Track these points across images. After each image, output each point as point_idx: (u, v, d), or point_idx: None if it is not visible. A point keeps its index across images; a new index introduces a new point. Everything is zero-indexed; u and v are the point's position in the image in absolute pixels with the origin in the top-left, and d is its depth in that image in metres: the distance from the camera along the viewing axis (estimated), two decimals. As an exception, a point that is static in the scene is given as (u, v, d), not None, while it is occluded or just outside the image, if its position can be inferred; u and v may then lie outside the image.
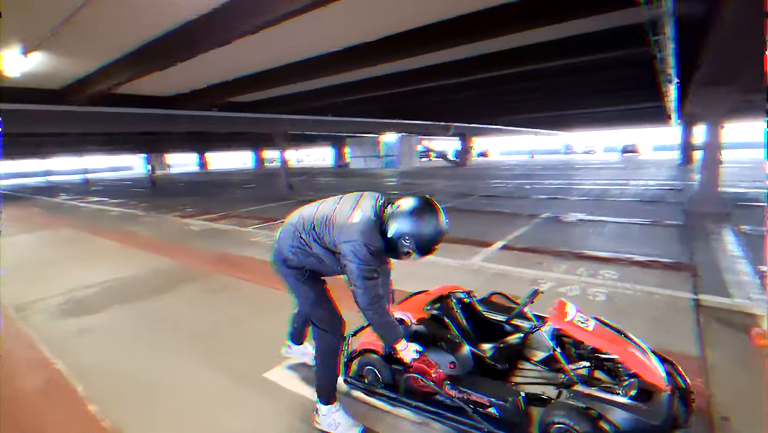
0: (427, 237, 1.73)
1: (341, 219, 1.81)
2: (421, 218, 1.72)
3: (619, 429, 1.63)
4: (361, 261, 1.72)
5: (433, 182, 16.16)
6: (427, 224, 1.72)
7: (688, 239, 5.26)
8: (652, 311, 3.18)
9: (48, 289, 4.49)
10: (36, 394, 2.48)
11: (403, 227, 1.72)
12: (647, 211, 7.45)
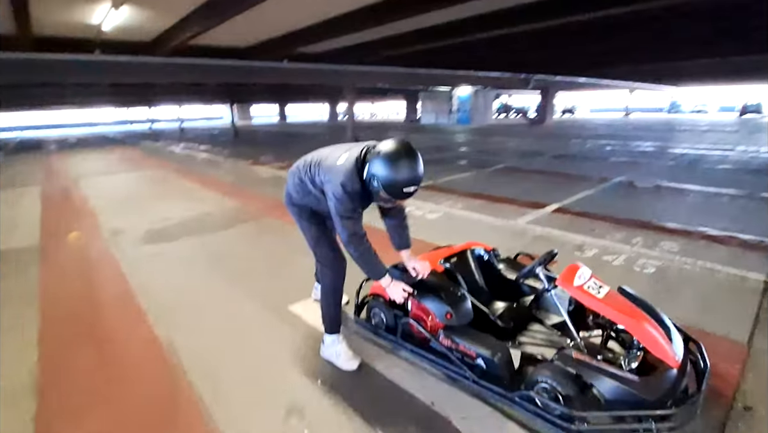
0: (392, 180, 1.69)
1: (329, 161, 1.88)
2: (390, 161, 1.69)
3: (604, 398, 1.57)
4: (338, 200, 1.78)
5: (503, 140, 15.28)
6: (395, 167, 1.68)
7: (788, 216, 4.48)
8: (706, 289, 2.85)
9: (137, 220, 5.24)
10: (109, 302, 3.02)
11: (373, 169, 1.72)
12: (745, 181, 6.38)
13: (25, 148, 19.41)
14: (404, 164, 1.69)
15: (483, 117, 26.09)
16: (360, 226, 1.87)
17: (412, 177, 1.71)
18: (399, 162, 1.69)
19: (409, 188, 1.72)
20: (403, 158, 1.70)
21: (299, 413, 1.82)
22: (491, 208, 5.15)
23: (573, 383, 1.62)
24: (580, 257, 3.48)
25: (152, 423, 1.82)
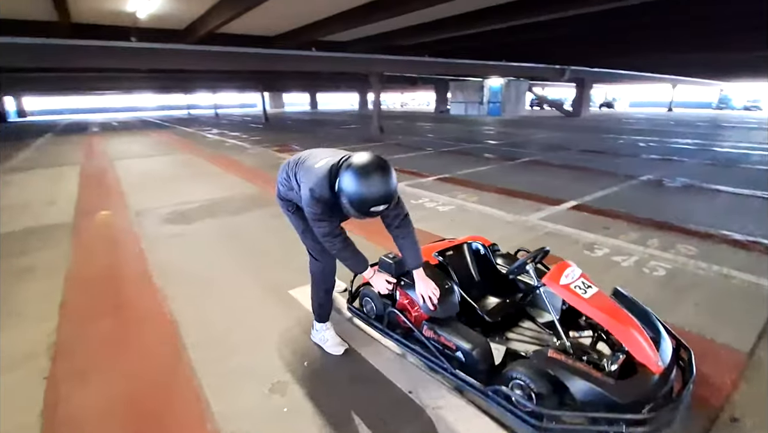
0: (359, 196, 1.59)
1: (309, 163, 1.85)
2: (358, 176, 1.58)
3: (576, 398, 1.56)
4: (306, 204, 1.77)
5: (533, 132, 14.85)
6: (364, 182, 1.57)
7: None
8: (717, 295, 2.72)
9: (162, 201, 5.51)
10: (127, 277, 3.22)
11: (342, 182, 1.63)
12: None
13: (72, 130, 20.60)
14: (374, 181, 1.58)
15: (515, 108, 25.39)
16: (334, 226, 1.83)
17: (381, 195, 1.59)
18: (368, 178, 1.58)
19: (377, 207, 1.61)
20: (373, 174, 1.58)
21: (282, 390, 1.91)
22: (506, 203, 5.07)
23: (546, 381, 1.61)
24: (589, 256, 3.39)
25: (149, 385, 1.96)
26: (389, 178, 1.62)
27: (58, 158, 10.20)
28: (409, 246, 1.98)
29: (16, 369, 2.10)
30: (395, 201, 1.76)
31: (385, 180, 1.60)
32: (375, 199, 1.59)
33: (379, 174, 1.59)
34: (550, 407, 1.60)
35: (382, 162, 1.64)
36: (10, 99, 35.45)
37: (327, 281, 2.17)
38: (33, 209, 5.33)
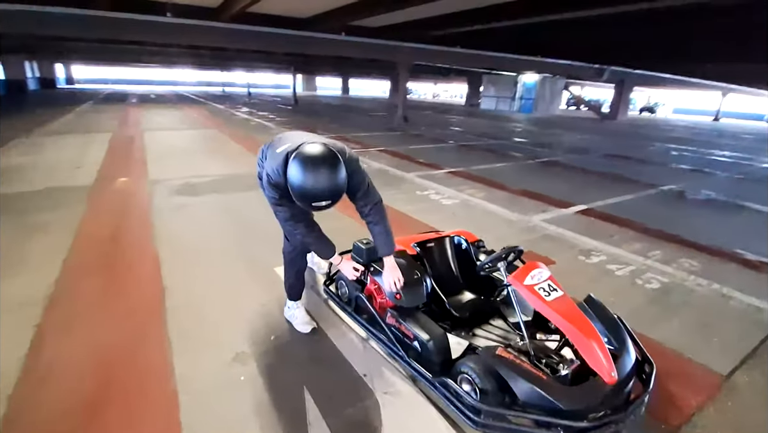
0: (301, 188, 1.54)
1: (275, 146, 1.81)
2: (301, 169, 1.53)
3: (519, 398, 1.56)
4: (265, 188, 1.79)
5: (560, 133, 14.39)
6: (308, 174, 1.52)
7: None
8: (709, 314, 2.61)
9: (177, 173, 5.71)
10: (130, 240, 3.38)
11: (288, 172, 1.58)
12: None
13: (112, 99, 21.49)
14: (318, 175, 1.52)
15: (548, 107, 24.60)
16: (294, 213, 1.84)
17: (323, 191, 1.54)
18: (312, 171, 1.52)
19: (319, 203, 1.56)
20: (318, 168, 1.53)
21: (244, 360, 1.98)
22: (512, 202, 4.98)
23: (492, 378, 1.61)
24: (583, 262, 3.31)
25: (126, 341, 2.07)
26: (336, 174, 1.55)
27: (94, 125, 10.69)
28: (380, 233, 1.98)
29: (10, 315, 2.27)
30: (340, 198, 1.64)
31: (330, 176, 1.54)
32: (316, 194, 1.54)
33: (324, 169, 1.54)
34: (495, 404, 1.60)
35: (331, 156, 1.57)
36: (60, 66, 37.25)
37: (297, 262, 2.21)
38: (60, 171, 5.63)
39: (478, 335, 2.14)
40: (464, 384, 1.68)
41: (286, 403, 1.72)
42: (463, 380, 1.69)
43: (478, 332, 2.16)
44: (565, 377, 1.64)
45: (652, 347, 2.22)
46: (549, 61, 16.88)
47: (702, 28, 10.92)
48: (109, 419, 1.62)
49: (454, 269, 2.51)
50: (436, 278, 2.27)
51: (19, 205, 4.12)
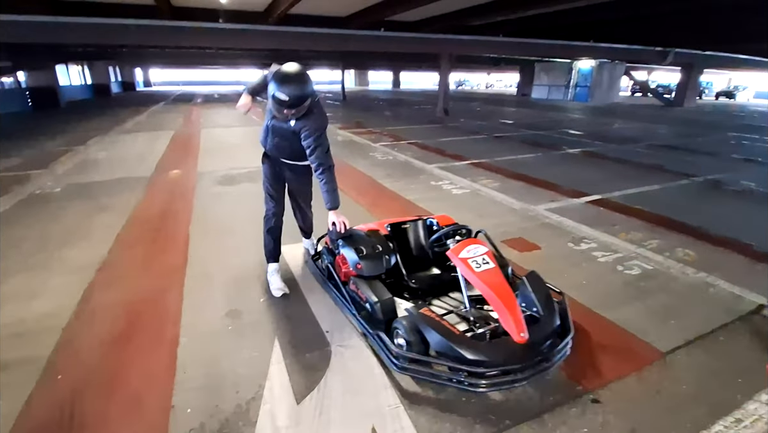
0: (272, 93, 2.15)
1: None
2: (272, 77, 2.17)
3: (433, 348, 1.85)
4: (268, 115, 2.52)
5: (611, 122, 13.60)
6: (272, 82, 2.15)
7: None
8: (680, 300, 2.64)
9: (221, 166, 6.44)
10: (172, 218, 4.03)
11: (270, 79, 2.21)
12: None
13: (181, 100, 23.64)
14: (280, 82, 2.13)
15: (606, 95, 23.10)
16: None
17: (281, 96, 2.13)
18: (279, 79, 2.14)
19: (281, 94, 2.12)
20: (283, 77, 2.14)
21: (234, 315, 2.44)
22: (524, 191, 5.05)
23: (416, 332, 1.91)
24: (570, 249, 3.40)
25: (150, 296, 2.62)
26: (289, 85, 2.13)
27: (161, 124, 12.03)
28: (327, 190, 2.43)
29: (70, 275, 2.92)
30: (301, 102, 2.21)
31: (286, 83, 2.13)
32: (277, 94, 2.13)
33: (285, 79, 2.14)
34: (416, 352, 1.89)
35: (292, 74, 2.16)
36: (139, 70, 41.38)
37: (268, 222, 2.68)
38: (127, 164, 6.60)
39: (435, 305, 2.42)
40: (398, 338, 1.99)
41: (259, 348, 2.14)
42: (397, 335, 2.00)
43: (434, 302, 2.43)
44: (482, 334, 1.90)
45: (602, 324, 2.37)
46: (603, 46, 15.98)
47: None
48: (129, 348, 2.14)
49: (425, 248, 2.78)
50: (407, 255, 2.57)
51: (91, 192, 4.99)
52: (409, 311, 2.02)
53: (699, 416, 1.73)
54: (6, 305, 2.54)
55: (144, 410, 1.75)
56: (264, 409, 1.74)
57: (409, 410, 1.73)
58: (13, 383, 1.89)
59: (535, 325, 1.93)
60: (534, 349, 1.84)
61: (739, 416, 1.74)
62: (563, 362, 1.97)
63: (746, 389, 1.89)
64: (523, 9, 11.11)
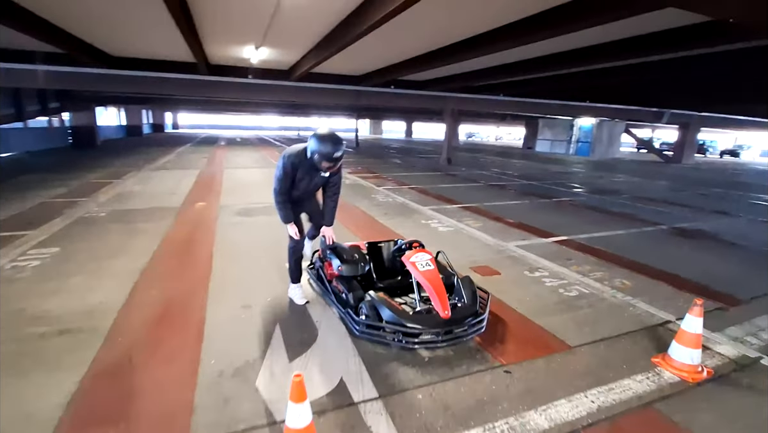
0: (320, 153, 2.77)
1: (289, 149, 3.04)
2: (317, 138, 2.79)
3: (385, 319, 2.57)
4: (276, 168, 3.00)
5: (604, 176, 14.43)
6: (320, 143, 2.76)
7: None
8: (601, 315, 3.27)
9: (240, 201, 7.36)
10: (197, 241, 4.84)
11: (310, 143, 2.83)
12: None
13: (206, 142, 25.48)
14: (325, 145, 2.77)
15: (606, 150, 24.20)
16: (283, 190, 2.99)
17: (329, 153, 2.76)
18: (324, 143, 2.78)
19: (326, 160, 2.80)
20: (327, 141, 2.78)
21: (247, 308, 3.16)
22: (501, 231, 5.78)
23: (374, 310, 2.64)
24: (524, 275, 4.08)
25: (181, 297, 3.36)
26: (338, 144, 2.81)
27: (188, 163, 13.28)
28: (331, 212, 3.24)
29: (118, 278, 3.70)
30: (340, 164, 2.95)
31: (331, 145, 2.78)
32: (325, 154, 2.77)
33: (329, 142, 2.78)
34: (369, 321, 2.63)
35: (336, 136, 2.83)
36: (169, 114, 44.58)
37: (296, 253, 3.38)
38: (160, 197, 7.57)
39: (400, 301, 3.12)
40: (362, 315, 2.70)
41: (265, 328, 2.85)
42: (361, 312, 2.71)
43: (396, 299, 3.12)
44: (419, 311, 2.64)
45: (530, 325, 3.03)
46: (599, 106, 17.18)
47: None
48: (168, 325, 2.87)
49: (395, 261, 3.51)
50: (380, 265, 3.33)
51: (130, 218, 5.89)
52: (370, 295, 2.75)
53: (582, 385, 2.35)
54: (73, 294, 3.32)
55: (180, 360, 2.46)
56: (265, 364, 2.43)
57: (368, 366, 2.40)
58: (88, 340, 2.63)
59: (458, 308, 2.66)
60: (454, 323, 2.56)
61: (613, 387, 2.36)
62: (493, 343, 2.65)
63: (627, 372, 2.51)
64: (522, 74, 12.34)
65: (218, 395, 2.16)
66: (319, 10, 6.60)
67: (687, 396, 2.32)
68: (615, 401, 2.22)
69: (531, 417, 2.07)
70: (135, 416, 2.00)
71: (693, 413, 2.18)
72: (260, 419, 1.99)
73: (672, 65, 10.49)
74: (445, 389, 2.26)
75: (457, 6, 6.20)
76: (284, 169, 2.93)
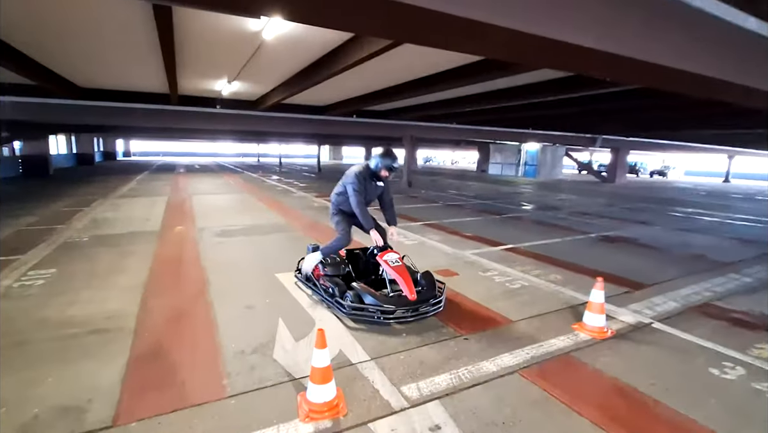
0: (384, 163, 3.76)
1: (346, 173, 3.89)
2: (380, 155, 3.80)
3: (366, 302, 3.26)
4: (350, 182, 3.76)
5: (548, 194, 16.04)
6: (383, 158, 3.76)
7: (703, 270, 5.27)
8: (537, 299, 4.14)
9: (216, 224, 7.78)
10: (186, 260, 5.29)
11: (373, 158, 3.82)
12: (719, 248, 6.93)
13: (163, 169, 25.13)
14: (386, 157, 3.79)
15: (550, 171, 26.51)
16: (361, 198, 3.78)
17: (388, 163, 3.79)
18: (385, 156, 3.79)
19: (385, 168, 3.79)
20: (387, 155, 3.80)
21: (250, 307, 3.73)
22: (458, 242, 6.66)
23: (357, 296, 3.34)
24: (479, 275, 4.92)
25: (188, 301, 3.86)
26: (395, 157, 3.85)
27: (153, 191, 13.34)
28: (392, 213, 4.12)
29: (125, 290, 4.13)
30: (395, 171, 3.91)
31: (391, 156, 3.82)
32: (386, 163, 3.78)
33: (388, 155, 3.82)
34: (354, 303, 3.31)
35: (389, 150, 3.83)
36: (120, 141, 43.14)
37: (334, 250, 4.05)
38: (136, 222, 7.83)
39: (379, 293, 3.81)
40: (347, 300, 3.38)
41: (270, 322, 3.43)
42: (346, 298, 3.40)
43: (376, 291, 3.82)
44: (393, 295, 3.35)
45: (482, 308, 3.82)
46: (541, 133, 19.11)
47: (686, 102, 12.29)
48: (182, 325, 3.39)
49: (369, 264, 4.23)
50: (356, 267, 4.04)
51: (113, 242, 6.20)
52: (354, 286, 3.45)
53: (520, 344, 3.15)
54: (89, 304, 3.73)
55: (204, 346, 3.00)
56: (277, 343, 3.03)
57: (359, 341, 3.06)
58: (119, 336, 3.11)
59: (422, 292, 3.46)
60: (419, 303, 3.31)
61: (542, 344, 3.17)
62: (453, 320, 3.41)
63: (553, 334, 3.34)
64: (471, 105, 13.74)
65: (244, 365, 2.74)
66: (296, 54, 7.42)
67: (595, 348, 3.18)
68: (544, 353, 3.03)
69: (484, 365, 2.82)
70: (180, 383, 2.54)
71: (597, 357, 3.03)
72: (283, 378, 2.60)
73: (599, 98, 12.22)
74: (420, 352, 2.97)
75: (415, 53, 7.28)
76: (358, 182, 3.80)
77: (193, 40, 6.67)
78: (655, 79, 4.63)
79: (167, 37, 5.72)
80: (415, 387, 2.53)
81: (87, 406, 2.30)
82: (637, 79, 5.51)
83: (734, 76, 4.19)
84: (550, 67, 6.00)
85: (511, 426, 2.22)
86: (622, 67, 4.04)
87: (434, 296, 3.54)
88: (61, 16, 5.68)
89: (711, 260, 6.13)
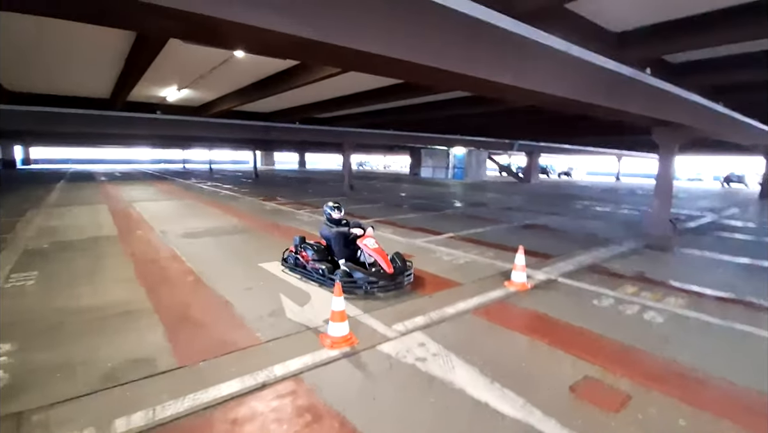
0: (330, 208, 4.79)
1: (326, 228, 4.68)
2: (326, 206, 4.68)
3: (353, 278, 4.16)
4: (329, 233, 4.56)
5: (476, 194, 17.99)
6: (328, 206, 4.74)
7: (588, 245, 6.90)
8: (476, 270, 5.33)
9: (177, 227, 8.02)
10: (166, 256, 5.70)
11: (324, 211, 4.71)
12: (606, 229, 8.87)
13: (81, 178, 23.18)
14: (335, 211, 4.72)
15: (476, 173, 29.12)
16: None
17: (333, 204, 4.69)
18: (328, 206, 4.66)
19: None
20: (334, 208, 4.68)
21: (249, 288, 4.40)
22: (408, 234, 7.75)
23: (347, 273, 4.20)
24: (431, 256, 6.02)
25: (189, 291, 4.40)
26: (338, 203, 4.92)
27: (85, 199, 12.70)
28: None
29: (123, 283, 4.54)
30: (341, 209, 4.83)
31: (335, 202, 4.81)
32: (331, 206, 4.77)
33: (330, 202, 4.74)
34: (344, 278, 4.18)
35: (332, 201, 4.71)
36: (18, 148, 38.30)
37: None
38: (89, 228, 7.78)
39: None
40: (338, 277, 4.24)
41: (272, 297, 4.16)
42: (337, 276, 4.25)
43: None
44: (375, 270, 4.28)
45: (439, 278, 4.89)
46: (468, 138, 21.13)
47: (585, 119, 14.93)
48: (196, 303, 3.98)
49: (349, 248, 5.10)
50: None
51: (77, 246, 6.31)
52: (344, 264, 4.32)
53: (468, 296, 4.25)
54: (96, 296, 4.14)
55: (224, 316, 3.67)
56: (286, 309, 3.79)
57: (350, 302, 3.94)
58: (145, 314, 3.65)
59: (396, 267, 4.41)
60: (395, 276, 4.28)
61: (484, 295, 4.30)
62: (418, 287, 4.42)
63: (491, 289, 4.50)
64: (404, 115, 15.12)
65: (266, 323, 3.48)
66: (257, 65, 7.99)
67: (519, 295, 4.40)
68: (486, 300, 4.17)
69: (446, 310, 3.87)
70: (219, 338, 3.22)
71: (521, 300, 4.24)
72: (302, 328, 3.40)
73: (516, 111, 14.32)
74: (399, 306, 3.94)
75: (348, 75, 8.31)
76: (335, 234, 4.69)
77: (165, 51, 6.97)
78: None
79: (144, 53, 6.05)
80: (401, 325, 3.49)
81: (152, 357, 2.91)
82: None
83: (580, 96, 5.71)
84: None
85: (470, 341, 3.28)
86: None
87: (406, 268, 4.51)
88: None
89: (599, 237, 7.91)
